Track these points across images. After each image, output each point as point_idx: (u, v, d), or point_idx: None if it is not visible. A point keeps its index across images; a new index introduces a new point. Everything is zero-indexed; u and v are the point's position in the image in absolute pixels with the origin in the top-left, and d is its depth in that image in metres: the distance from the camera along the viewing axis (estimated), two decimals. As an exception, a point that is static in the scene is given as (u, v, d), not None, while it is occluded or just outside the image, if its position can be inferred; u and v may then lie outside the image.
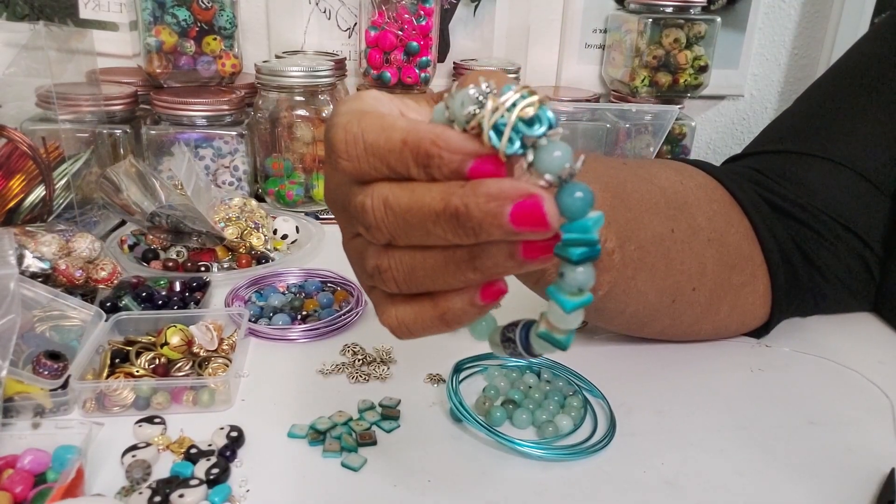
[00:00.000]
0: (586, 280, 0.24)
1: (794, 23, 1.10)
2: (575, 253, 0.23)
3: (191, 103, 0.80)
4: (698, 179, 0.56)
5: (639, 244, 0.47)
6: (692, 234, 0.52)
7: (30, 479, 0.40)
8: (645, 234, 0.48)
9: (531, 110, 0.22)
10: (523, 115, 0.22)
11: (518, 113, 0.22)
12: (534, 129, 0.22)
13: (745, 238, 0.55)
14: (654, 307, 0.51)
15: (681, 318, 0.53)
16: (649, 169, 0.54)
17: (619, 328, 0.54)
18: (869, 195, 0.57)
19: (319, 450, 0.44)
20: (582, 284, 0.24)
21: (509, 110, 0.22)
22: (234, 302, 0.62)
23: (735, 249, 0.54)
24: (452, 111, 0.23)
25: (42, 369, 0.47)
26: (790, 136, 0.61)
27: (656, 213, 0.50)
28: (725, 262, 0.53)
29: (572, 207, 0.22)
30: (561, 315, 0.25)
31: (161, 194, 0.68)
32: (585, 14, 1.02)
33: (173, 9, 0.81)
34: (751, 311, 0.57)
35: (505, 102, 0.22)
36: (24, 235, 0.59)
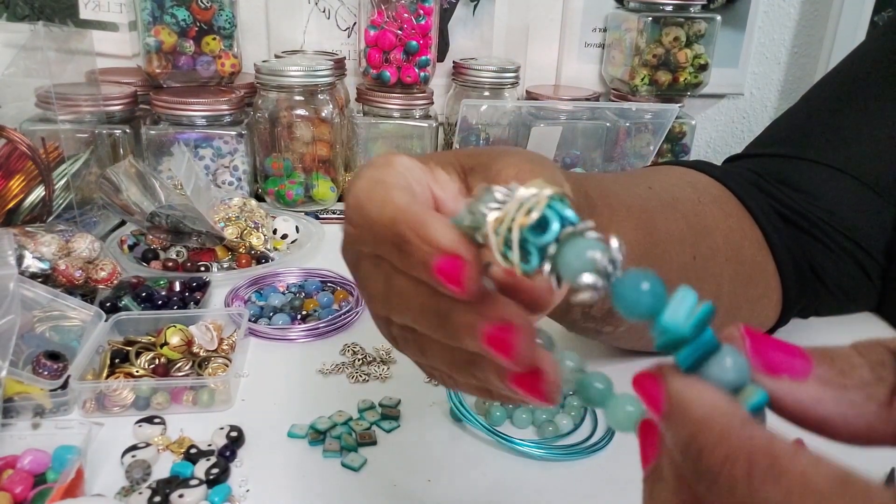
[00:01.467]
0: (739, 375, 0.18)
1: (794, 21, 1.10)
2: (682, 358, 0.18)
3: (190, 103, 0.80)
4: (713, 192, 0.55)
5: (664, 258, 0.47)
6: (711, 256, 0.52)
7: (30, 479, 0.40)
8: (669, 267, 0.48)
9: (535, 214, 0.18)
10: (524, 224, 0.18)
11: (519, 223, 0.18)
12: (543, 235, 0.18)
13: (759, 249, 0.55)
14: None
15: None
16: (671, 192, 0.53)
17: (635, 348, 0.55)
18: (870, 202, 0.56)
19: (319, 450, 0.44)
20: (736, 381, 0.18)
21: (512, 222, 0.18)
22: (233, 302, 0.62)
23: (751, 263, 0.54)
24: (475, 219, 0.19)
25: (42, 369, 0.47)
26: (791, 139, 0.61)
27: (681, 243, 0.49)
28: (742, 279, 0.53)
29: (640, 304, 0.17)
30: None
31: (161, 194, 0.68)
32: (585, 13, 1.02)
33: (172, 9, 0.81)
34: (764, 321, 0.57)
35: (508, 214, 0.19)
36: (23, 236, 0.59)
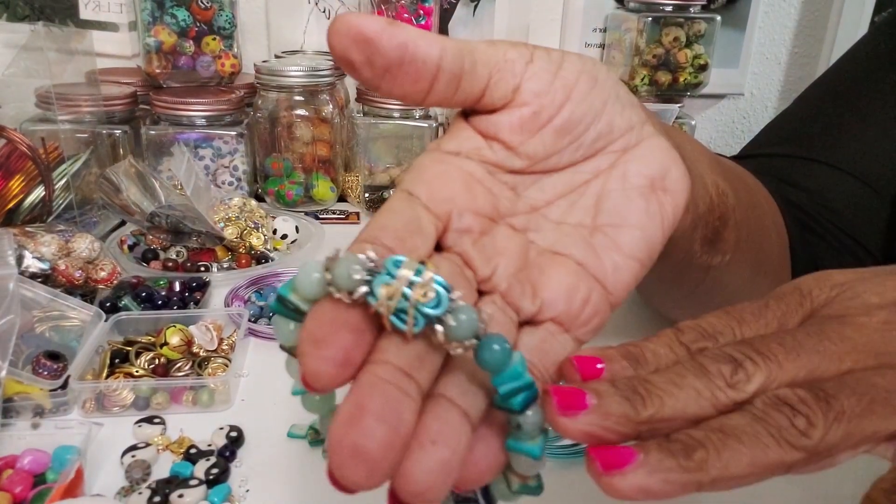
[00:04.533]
0: (540, 419, 0.23)
1: (795, 21, 1.10)
2: (517, 402, 0.22)
3: (190, 103, 0.80)
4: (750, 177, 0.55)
5: (744, 210, 0.45)
6: (762, 213, 0.51)
7: (29, 479, 0.40)
8: (743, 194, 0.46)
9: (431, 293, 0.21)
10: (422, 301, 0.21)
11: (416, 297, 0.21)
12: (437, 308, 0.21)
13: (784, 232, 0.55)
14: (745, 284, 0.50)
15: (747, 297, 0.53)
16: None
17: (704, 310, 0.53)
18: (868, 200, 0.56)
19: (319, 450, 0.44)
20: (539, 424, 0.23)
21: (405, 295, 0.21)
22: (233, 302, 0.62)
23: (783, 242, 0.54)
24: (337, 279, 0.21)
25: (42, 369, 0.47)
26: (789, 138, 0.61)
27: (739, 181, 0.48)
28: (781, 250, 0.53)
29: (495, 361, 0.21)
30: (532, 463, 0.23)
31: (161, 194, 0.68)
32: (585, 13, 1.02)
33: (172, 9, 0.81)
34: None
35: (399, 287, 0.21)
36: (23, 236, 0.59)
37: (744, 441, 0.21)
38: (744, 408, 0.22)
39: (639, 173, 0.29)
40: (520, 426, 0.23)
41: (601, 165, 0.30)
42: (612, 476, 0.20)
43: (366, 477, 0.19)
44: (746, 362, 0.22)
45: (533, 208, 0.29)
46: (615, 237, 0.29)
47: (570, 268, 0.28)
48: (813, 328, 0.24)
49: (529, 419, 0.22)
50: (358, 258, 0.21)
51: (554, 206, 0.29)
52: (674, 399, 0.22)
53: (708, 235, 0.41)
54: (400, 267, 0.21)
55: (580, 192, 0.29)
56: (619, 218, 0.29)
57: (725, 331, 0.24)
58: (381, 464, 0.19)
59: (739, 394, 0.22)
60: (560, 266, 0.28)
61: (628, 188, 0.29)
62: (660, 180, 0.30)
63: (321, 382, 0.20)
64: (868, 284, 0.25)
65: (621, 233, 0.29)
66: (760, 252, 0.50)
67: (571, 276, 0.27)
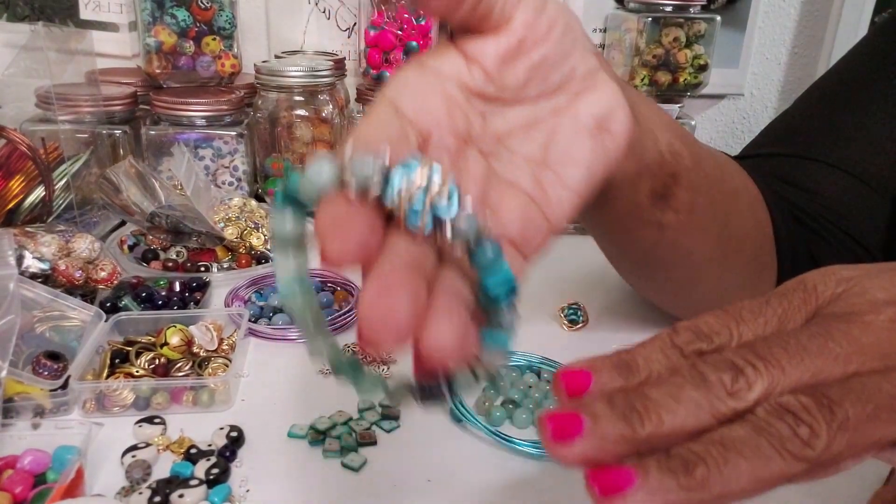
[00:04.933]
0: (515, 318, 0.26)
1: (795, 22, 1.10)
2: (505, 300, 0.25)
3: (190, 103, 0.80)
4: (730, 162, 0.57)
5: (706, 173, 0.47)
6: (735, 193, 0.52)
7: (30, 479, 0.40)
8: (706, 164, 0.48)
9: (442, 189, 0.23)
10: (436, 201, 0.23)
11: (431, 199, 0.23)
12: (449, 208, 0.23)
13: (769, 222, 0.55)
14: (712, 256, 0.51)
15: (723, 282, 0.54)
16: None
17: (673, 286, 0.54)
18: (869, 200, 0.56)
19: (319, 450, 0.44)
20: (514, 322, 0.26)
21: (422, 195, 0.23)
22: (233, 302, 0.62)
23: (763, 228, 0.55)
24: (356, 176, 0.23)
25: (42, 370, 0.47)
26: (789, 138, 0.61)
27: (709, 157, 0.50)
28: (759, 235, 0.54)
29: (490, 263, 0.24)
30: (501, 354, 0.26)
31: (161, 194, 0.68)
32: (585, 13, 1.02)
33: (172, 9, 0.81)
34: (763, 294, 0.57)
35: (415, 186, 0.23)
36: (23, 236, 0.59)
37: (745, 454, 0.20)
38: (745, 417, 0.21)
39: (588, 113, 0.33)
40: (500, 322, 0.25)
41: (558, 104, 0.33)
42: (613, 501, 0.20)
43: (395, 338, 0.22)
44: (748, 368, 0.22)
45: (496, 137, 0.32)
46: (560, 172, 0.32)
47: (523, 197, 0.31)
48: (818, 328, 0.23)
49: (508, 314, 0.25)
50: (372, 158, 0.23)
51: (513, 136, 0.32)
52: (672, 415, 0.21)
53: (657, 189, 0.43)
54: (417, 167, 0.23)
55: (537, 127, 0.32)
56: (565, 154, 0.32)
57: (722, 331, 0.24)
58: (406, 328, 0.22)
59: (741, 403, 0.21)
60: (514, 194, 0.31)
61: (578, 127, 0.33)
62: (605, 121, 0.33)
63: (344, 259, 0.23)
64: (875, 280, 0.24)
65: (566, 168, 0.32)
66: (728, 228, 0.50)
67: (523, 203, 0.31)
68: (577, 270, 0.71)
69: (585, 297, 0.64)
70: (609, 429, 0.21)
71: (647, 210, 0.44)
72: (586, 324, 0.60)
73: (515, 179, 0.31)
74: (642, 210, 0.44)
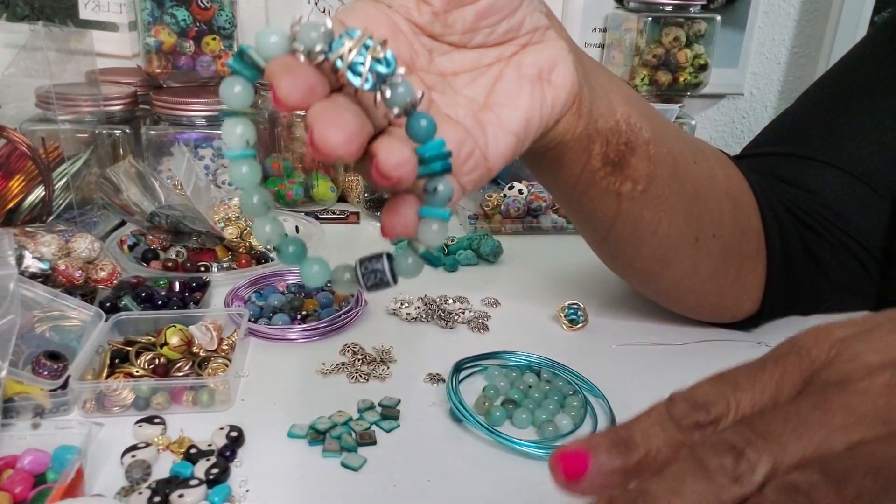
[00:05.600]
0: (451, 191, 0.28)
1: (794, 21, 1.10)
2: (437, 166, 0.27)
3: (190, 103, 0.80)
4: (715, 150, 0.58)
5: (669, 150, 0.49)
6: (711, 177, 0.53)
7: (29, 479, 0.40)
8: (674, 146, 0.49)
9: (382, 52, 0.25)
10: (377, 56, 0.25)
11: (372, 54, 0.25)
12: (389, 69, 0.25)
13: (755, 214, 0.56)
14: (680, 235, 0.51)
15: (698, 267, 0.54)
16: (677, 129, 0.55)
17: (644, 265, 0.54)
18: (867, 199, 0.57)
19: (319, 450, 0.44)
20: (450, 194, 0.28)
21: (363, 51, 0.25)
22: (233, 302, 0.62)
23: (747, 218, 0.55)
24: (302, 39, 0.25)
25: (42, 370, 0.47)
26: (789, 138, 0.61)
27: (680, 139, 0.51)
28: (739, 224, 0.54)
29: (421, 132, 0.26)
30: (436, 230, 0.28)
31: (161, 194, 0.68)
32: (585, 13, 1.02)
33: (172, 9, 0.81)
34: (749, 289, 0.57)
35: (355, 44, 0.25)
36: (23, 236, 0.59)
37: None
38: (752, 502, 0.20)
39: (531, 64, 0.37)
40: (435, 190, 0.27)
41: (504, 53, 0.36)
42: None
43: (344, 142, 0.25)
44: (748, 449, 0.20)
45: (441, 73, 0.35)
46: (500, 114, 0.35)
47: (460, 128, 0.34)
48: (815, 398, 0.22)
49: (443, 186, 0.28)
50: (318, 24, 0.25)
51: (459, 77, 0.35)
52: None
53: (610, 155, 0.45)
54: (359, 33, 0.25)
55: (482, 72, 0.36)
56: (506, 98, 0.36)
57: (719, 400, 0.23)
58: (356, 134, 0.25)
59: (746, 487, 0.20)
60: (452, 124, 0.34)
61: (520, 75, 0.36)
62: (547, 72, 0.37)
63: (292, 100, 0.24)
64: (868, 343, 0.23)
65: (505, 111, 0.35)
66: (697, 208, 0.51)
67: (460, 134, 0.34)
68: (577, 270, 0.71)
69: (585, 297, 0.64)
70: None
71: (602, 177, 0.46)
72: (586, 324, 0.60)
73: (455, 114, 0.34)
74: (597, 176, 0.46)
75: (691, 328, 0.60)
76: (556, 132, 0.41)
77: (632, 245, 0.52)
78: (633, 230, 0.50)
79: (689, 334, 0.60)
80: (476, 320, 0.61)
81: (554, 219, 0.83)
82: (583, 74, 0.41)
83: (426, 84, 0.34)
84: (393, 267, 0.29)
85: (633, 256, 0.53)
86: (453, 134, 0.33)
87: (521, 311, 0.64)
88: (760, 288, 0.57)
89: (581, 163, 0.45)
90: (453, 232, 0.79)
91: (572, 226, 0.80)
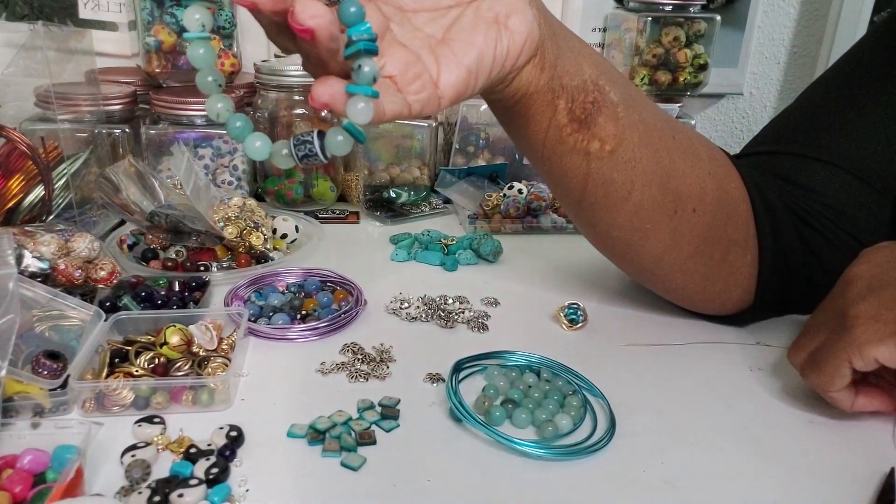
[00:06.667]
0: (375, 68, 0.31)
1: (794, 21, 1.10)
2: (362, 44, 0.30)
3: (190, 103, 0.80)
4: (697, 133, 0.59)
5: (641, 117, 0.50)
6: (692, 154, 0.54)
7: (29, 478, 0.40)
8: (647, 114, 0.51)
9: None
10: None
11: None
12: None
13: (744, 202, 0.56)
14: (656, 205, 0.52)
15: (679, 243, 0.54)
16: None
17: (622, 234, 0.54)
18: (868, 198, 0.57)
19: (319, 449, 0.44)
20: (375, 73, 0.31)
21: None
22: (233, 301, 0.62)
23: (733, 203, 0.55)
24: None
25: (41, 369, 0.47)
26: (789, 137, 0.61)
27: (658, 115, 0.53)
28: (724, 207, 0.55)
29: (349, 17, 0.29)
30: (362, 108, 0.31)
31: (160, 194, 0.68)
32: (585, 12, 1.02)
33: (172, 9, 0.81)
34: (738, 276, 0.57)
35: None
36: (23, 235, 0.59)
37: None
38: None
39: (490, 9, 0.40)
40: (360, 67, 0.31)
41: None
42: None
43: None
44: None
45: (401, 9, 0.38)
46: (454, 48, 0.38)
47: (411, 53, 0.37)
48: None
49: (368, 66, 0.31)
50: None
51: (418, 15, 0.39)
52: None
53: (575, 111, 0.47)
54: None
55: (441, 14, 0.39)
56: (461, 35, 0.39)
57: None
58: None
59: None
60: (404, 50, 0.37)
61: (478, 18, 0.39)
62: (503, 18, 0.40)
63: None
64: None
65: (459, 46, 0.39)
66: (673, 180, 0.52)
67: (411, 56, 0.37)
68: (577, 270, 0.71)
69: (585, 297, 0.64)
70: None
71: (568, 134, 0.48)
72: (586, 324, 0.60)
73: (411, 45, 0.37)
74: (563, 133, 0.48)
75: (692, 328, 0.60)
76: (520, 82, 0.44)
77: (605, 210, 0.53)
78: (604, 193, 0.51)
79: (689, 334, 0.60)
80: (476, 320, 0.61)
81: (554, 219, 0.83)
82: (550, 33, 0.44)
83: (383, 14, 0.37)
84: (323, 143, 0.33)
85: (610, 224, 0.54)
86: (402, 56, 0.36)
87: (521, 311, 0.64)
88: (752, 278, 0.57)
89: (547, 117, 0.47)
90: (453, 232, 0.79)
91: (572, 225, 0.80)
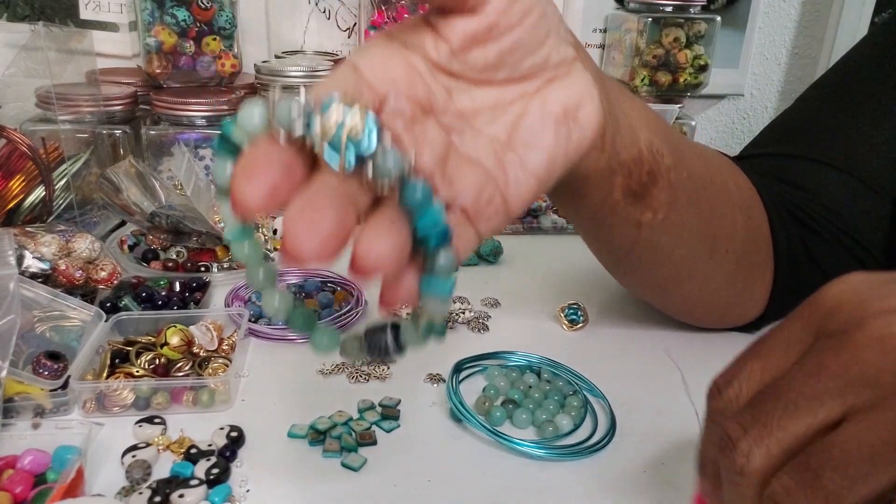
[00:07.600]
0: (452, 262, 0.26)
1: (795, 22, 1.10)
2: (433, 241, 0.25)
3: (190, 103, 0.80)
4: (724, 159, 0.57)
5: (689, 173, 0.48)
6: (725, 192, 0.53)
7: (30, 479, 0.40)
8: (693, 168, 0.49)
9: (359, 124, 0.23)
10: (353, 136, 0.23)
11: (347, 134, 0.23)
12: (365, 144, 0.23)
13: (765, 222, 0.56)
14: (695, 255, 0.51)
15: (710, 281, 0.54)
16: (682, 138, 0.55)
17: (657, 282, 0.54)
18: (869, 200, 0.56)
19: (319, 450, 0.44)
20: (451, 266, 0.26)
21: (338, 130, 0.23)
22: (233, 302, 0.62)
23: (757, 227, 0.55)
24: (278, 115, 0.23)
25: (42, 369, 0.47)
26: (789, 138, 0.61)
27: (697, 157, 0.51)
28: (751, 234, 0.54)
29: (417, 201, 0.24)
30: (441, 303, 0.27)
31: (161, 194, 0.68)
32: (585, 13, 1.02)
33: (172, 9, 0.81)
34: (756, 298, 0.57)
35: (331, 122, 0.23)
36: (23, 236, 0.59)
37: None
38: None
39: (556, 101, 0.34)
40: (433, 266, 0.26)
41: (528, 89, 0.33)
42: None
43: (318, 248, 0.22)
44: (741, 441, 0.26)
45: (461, 113, 0.32)
46: (522, 155, 0.33)
47: (481, 172, 0.31)
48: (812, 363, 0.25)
49: (442, 259, 0.25)
50: (297, 99, 0.23)
51: (479, 116, 0.32)
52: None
53: (632, 187, 0.44)
54: (333, 104, 0.23)
55: (504, 110, 0.33)
56: (530, 138, 0.33)
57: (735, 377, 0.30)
58: (331, 240, 0.22)
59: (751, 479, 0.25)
60: (472, 168, 0.31)
61: (545, 114, 0.33)
62: (572, 111, 0.34)
63: (247, 206, 0.23)
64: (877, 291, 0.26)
65: (528, 151, 0.33)
66: (712, 226, 0.51)
67: (481, 177, 0.31)
68: (577, 270, 0.71)
69: (585, 297, 0.64)
70: None
71: (622, 208, 0.45)
72: (586, 324, 0.60)
73: (476, 156, 0.32)
74: (618, 207, 0.45)
75: (693, 328, 0.60)
76: (579, 169, 0.39)
77: (647, 268, 0.52)
78: (650, 255, 0.50)
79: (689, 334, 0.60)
80: (476, 320, 0.61)
81: (554, 219, 0.83)
82: (608, 105, 0.38)
83: (445, 126, 0.31)
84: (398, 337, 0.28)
85: (648, 276, 0.53)
86: (473, 178, 0.31)
87: (521, 312, 0.64)
88: (766, 294, 0.57)
89: (602, 195, 0.43)
90: (453, 232, 0.79)
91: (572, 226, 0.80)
